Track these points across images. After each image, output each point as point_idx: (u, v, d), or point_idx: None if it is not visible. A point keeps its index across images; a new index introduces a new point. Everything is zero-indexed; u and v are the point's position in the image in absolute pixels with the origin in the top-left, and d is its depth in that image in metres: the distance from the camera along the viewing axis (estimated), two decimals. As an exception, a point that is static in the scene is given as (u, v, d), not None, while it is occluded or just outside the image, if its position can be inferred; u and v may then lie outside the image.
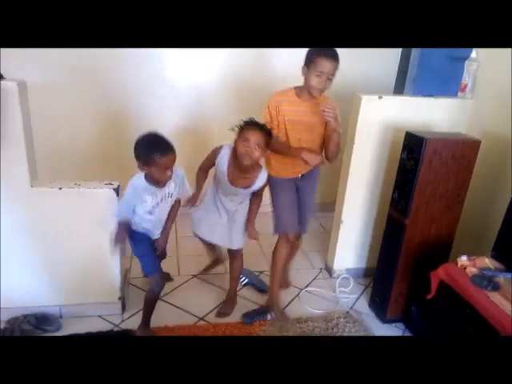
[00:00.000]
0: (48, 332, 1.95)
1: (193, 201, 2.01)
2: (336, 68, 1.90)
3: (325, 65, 1.86)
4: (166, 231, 2.01)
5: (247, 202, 2.11)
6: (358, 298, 2.47)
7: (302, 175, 2.13)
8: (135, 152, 1.74)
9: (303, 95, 2.00)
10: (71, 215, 1.95)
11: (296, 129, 2.02)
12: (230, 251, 2.22)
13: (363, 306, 2.40)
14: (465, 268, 1.84)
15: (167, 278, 2.44)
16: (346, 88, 2.69)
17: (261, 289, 2.44)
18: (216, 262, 2.46)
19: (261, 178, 2.01)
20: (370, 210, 2.54)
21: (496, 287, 1.71)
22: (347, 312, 2.32)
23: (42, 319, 1.99)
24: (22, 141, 1.78)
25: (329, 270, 2.70)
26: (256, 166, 1.98)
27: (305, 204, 2.21)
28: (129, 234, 1.90)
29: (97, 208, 1.95)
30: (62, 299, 2.06)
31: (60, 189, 1.89)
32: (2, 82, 1.73)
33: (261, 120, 1.96)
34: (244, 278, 2.47)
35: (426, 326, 2.05)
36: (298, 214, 2.17)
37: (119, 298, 2.13)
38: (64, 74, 2.80)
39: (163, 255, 2.24)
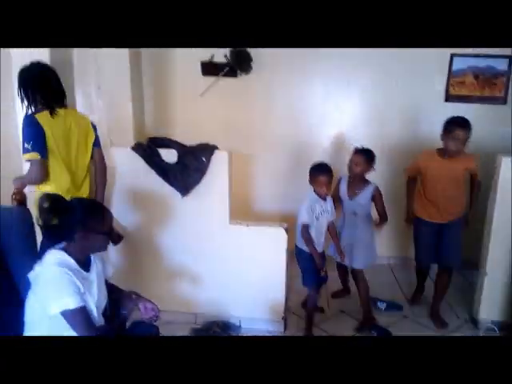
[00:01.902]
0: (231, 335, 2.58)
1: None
2: (468, 134, 2.43)
3: (458, 133, 2.46)
4: (337, 245, 2.67)
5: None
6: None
7: (446, 222, 2.69)
8: (309, 173, 2.54)
9: (444, 155, 2.58)
10: (253, 246, 2.62)
11: (440, 181, 2.60)
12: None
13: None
14: None
15: (321, 310, 2.90)
16: (490, 147, 2.96)
17: (400, 307, 2.99)
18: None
19: (367, 190, 2.65)
20: (517, 264, 2.63)
21: None
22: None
23: (227, 326, 2.64)
24: (226, 191, 2.56)
25: (474, 321, 2.80)
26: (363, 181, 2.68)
27: (447, 243, 2.68)
28: (297, 252, 2.60)
29: (272, 241, 2.58)
30: (241, 312, 2.70)
31: (247, 226, 2.59)
32: (216, 151, 2.56)
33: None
34: (382, 302, 2.96)
35: None
36: (443, 251, 2.72)
37: (282, 318, 2.67)
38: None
39: (325, 279, 2.72)
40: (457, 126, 2.48)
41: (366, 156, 2.59)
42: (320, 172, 2.50)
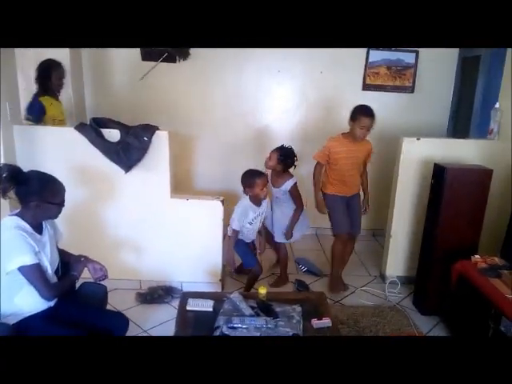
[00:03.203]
0: (174, 298, 2.85)
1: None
2: (373, 122, 2.75)
3: (365, 121, 2.73)
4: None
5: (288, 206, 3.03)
6: (405, 298, 3.05)
7: (351, 196, 3.05)
8: (242, 182, 2.74)
9: (349, 139, 2.86)
10: (192, 217, 2.90)
11: (347, 163, 2.91)
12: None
13: (408, 303, 2.98)
14: (476, 263, 2.41)
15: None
16: (401, 130, 3.48)
17: (317, 274, 3.35)
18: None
19: (287, 183, 2.93)
20: (416, 228, 3.15)
21: (497, 275, 2.26)
22: (394, 305, 2.92)
23: (170, 290, 2.92)
24: (167, 168, 2.81)
25: (382, 277, 3.31)
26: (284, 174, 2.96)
27: (354, 214, 3.06)
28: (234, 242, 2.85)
29: (209, 213, 2.88)
30: (183, 277, 2.99)
31: (187, 200, 2.87)
32: (157, 131, 2.79)
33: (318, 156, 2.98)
34: (303, 266, 3.35)
35: (451, 312, 2.60)
36: (350, 221, 3.03)
37: (220, 280, 2.99)
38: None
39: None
40: (363, 114, 2.73)
41: (278, 155, 2.89)
42: (256, 177, 2.70)
